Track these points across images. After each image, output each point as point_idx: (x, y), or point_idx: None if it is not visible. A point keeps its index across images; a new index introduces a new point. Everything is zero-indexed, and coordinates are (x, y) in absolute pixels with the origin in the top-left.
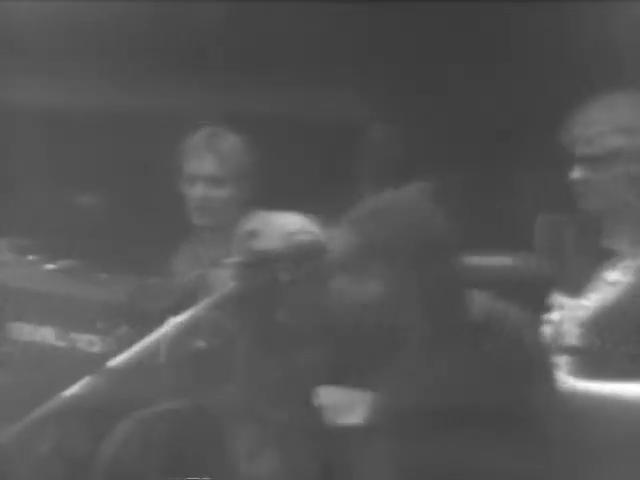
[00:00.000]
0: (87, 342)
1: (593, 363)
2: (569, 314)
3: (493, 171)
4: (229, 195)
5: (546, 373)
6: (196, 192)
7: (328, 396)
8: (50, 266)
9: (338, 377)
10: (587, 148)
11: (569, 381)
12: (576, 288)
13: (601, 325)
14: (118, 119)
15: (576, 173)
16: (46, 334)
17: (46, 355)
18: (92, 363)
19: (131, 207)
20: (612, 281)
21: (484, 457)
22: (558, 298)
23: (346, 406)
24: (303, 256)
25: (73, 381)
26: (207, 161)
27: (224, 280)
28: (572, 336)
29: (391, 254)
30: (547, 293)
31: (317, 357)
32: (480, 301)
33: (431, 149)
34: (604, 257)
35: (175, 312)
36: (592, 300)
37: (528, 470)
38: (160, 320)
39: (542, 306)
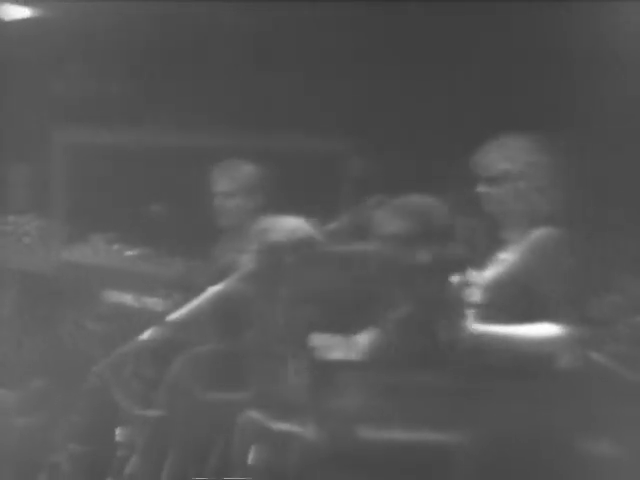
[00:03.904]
0: (153, 303)
1: (488, 314)
2: (476, 282)
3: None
4: (238, 205)
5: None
6: (216, 203)
7: (318, 340)
8: (130, 252)
9: (325, 326)
10: (486, 172)
11: (476, 325)
12: (482, 265)
13: (493, 288)
14: (179, 157)
15: (480, 188)
16: (126, 298)
17: (127, 312)
18: (157, 317)
19: (184, 213)
20: (502, 259)
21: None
22: (471, 272)
23: (331, 347)
24: (300, 245)
25: (145, 329)
26: (221, 182)
27: (246, 262)
28: (476, 296)
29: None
30: (464, 268)
31: (310, 313)
32: None
33: (392, 173)
34: (501, 244)
35: (213, 283)
36: (489, 272)
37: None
38: (203, 289)
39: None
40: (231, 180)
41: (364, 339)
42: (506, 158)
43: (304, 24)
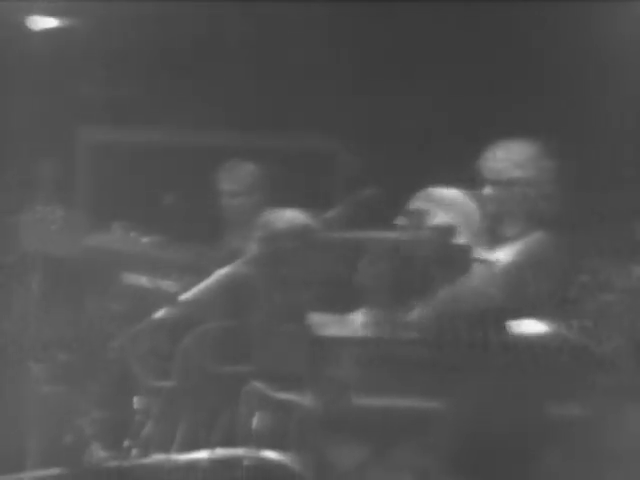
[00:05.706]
0: (167, 285)
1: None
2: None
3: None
4: (242, 202)
5: None
6: (223, 201)
7: (317, 318)
8: (146, 239)
9: (322, 307)
10: (496, 175)
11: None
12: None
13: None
14: (190, 153)
15: (487, 190)
16: (143, 280)
17: (143, 293)
18: (170, 298)
19: (195, 204)
20: (498, 258)
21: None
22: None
23: (327, 324)
24: (298, 233)
25: (159, 309)
26: (226, 182)
27: (251, 248)
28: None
29: None
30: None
31: (309, 295)
32: None
33: (380, 170)
34: (502, 240)
35: (220, 267)
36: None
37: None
38: (211, 272)
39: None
40: (235, 180)
41: (357, 317)
42: (517, 165)
43: (301, 24)
